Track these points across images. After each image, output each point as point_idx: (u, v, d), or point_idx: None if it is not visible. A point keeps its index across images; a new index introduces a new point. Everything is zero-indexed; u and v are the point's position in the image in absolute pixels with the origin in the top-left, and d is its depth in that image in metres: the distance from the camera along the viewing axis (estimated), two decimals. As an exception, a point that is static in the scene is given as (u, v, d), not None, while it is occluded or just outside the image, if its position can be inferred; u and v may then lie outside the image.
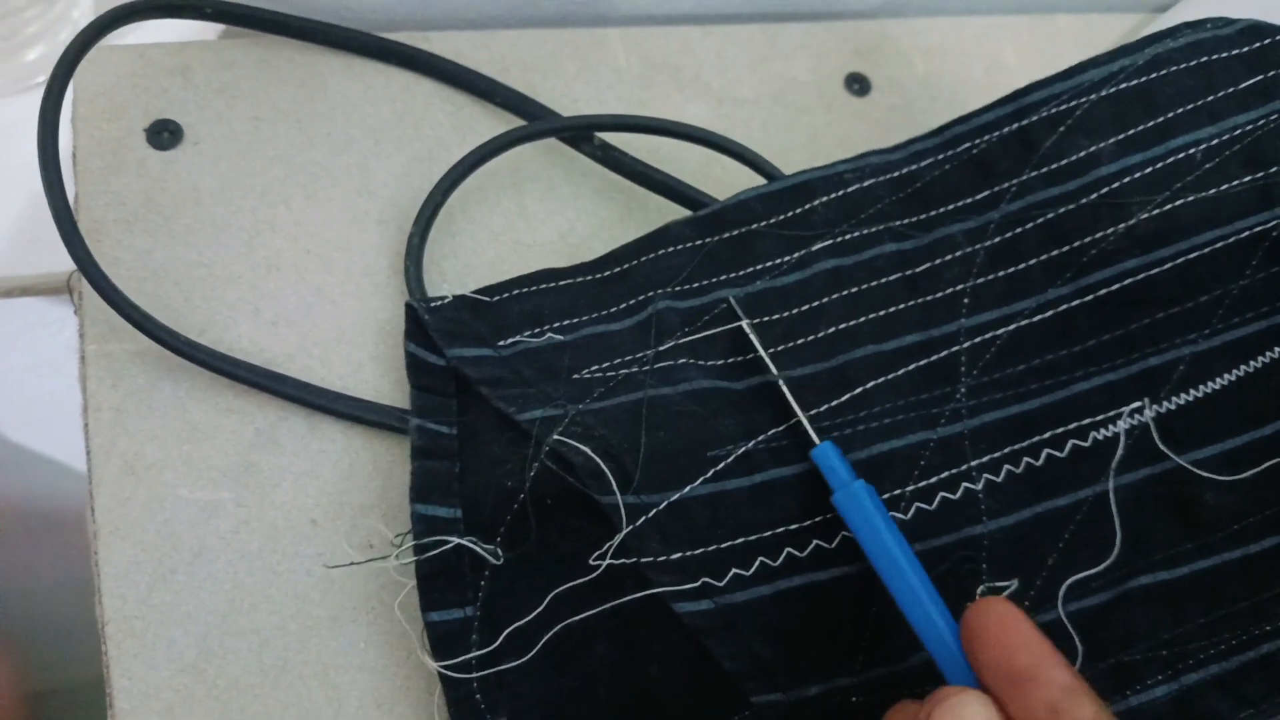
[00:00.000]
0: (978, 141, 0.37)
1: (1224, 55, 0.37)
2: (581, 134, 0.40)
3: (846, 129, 0.46)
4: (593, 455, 0.31)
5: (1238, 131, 0.35)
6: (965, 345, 0.35)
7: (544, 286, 0.36)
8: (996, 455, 0.33)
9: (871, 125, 0.46)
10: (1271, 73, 0.36)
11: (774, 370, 0.34)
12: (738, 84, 0.46)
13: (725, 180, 0.41)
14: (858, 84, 0.47)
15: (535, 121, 0.39)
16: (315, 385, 0.35)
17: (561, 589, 0.31)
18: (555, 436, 0.31)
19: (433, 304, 0.35)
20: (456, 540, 0.31)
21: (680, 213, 0.40)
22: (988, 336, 0.35)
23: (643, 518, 0.31)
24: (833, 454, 0.32)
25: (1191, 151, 0.35)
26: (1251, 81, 0.36)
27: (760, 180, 0.39)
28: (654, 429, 0.32)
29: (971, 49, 0.50)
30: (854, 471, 0.32)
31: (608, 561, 0.31)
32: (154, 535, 0.33)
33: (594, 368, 0.34)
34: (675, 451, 0.32)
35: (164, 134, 0.38)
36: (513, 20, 0.45)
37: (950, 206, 0.37)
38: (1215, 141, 0.35)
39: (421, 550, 0.31)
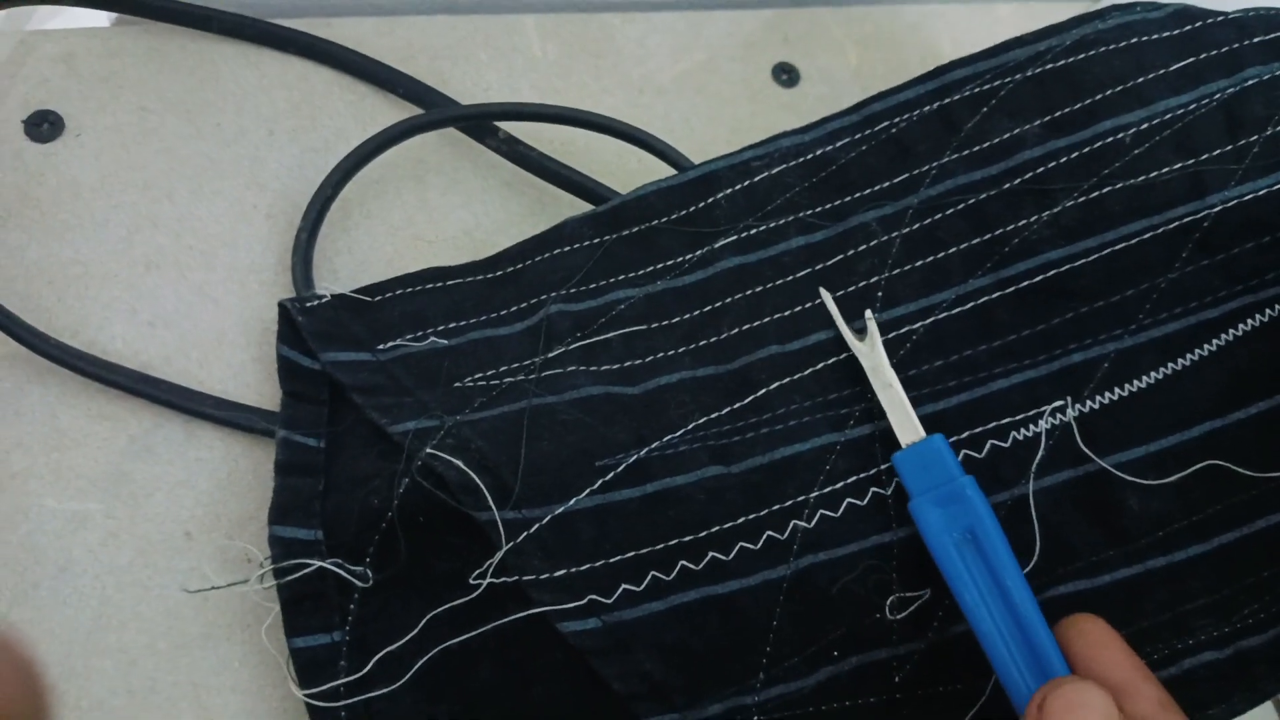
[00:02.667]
0: (897, 120, 0.36)
1: (1154, 37, 0.35)
2: (485, 126, 0.38)
3: (772, 121, 0.44)
4: (466, 469, 0.29)
5: (1168, 116, 0.34)
6: None
7: (430, 286, 0.34)
8: None
9: (798, 117, 0.44)
10: (1203, 55, 0.35)
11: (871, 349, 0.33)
12: (659, 73, 0.44)
13: (642, 174, 0.39)
14: (786, 74, 0.46)
15: (431, 111, 0.38)
16: (193, 390, 0.33)
17: (437, 611, 0.29)
18: (428, 450, 0.29)
19: (308, 303, 0.33)
20: (318, 563, 0.29)
21: (589, 209, 0.38)
22: (902, 331, 0.33)
23: (524, 534, 0.29)
24: (910, 459, 0.30)
25: (1120, 136, 0.34)
26: (1182, 64, 0.34)
27: (668, 172, 0.37)
28: (536, 439, 0.30)
29: (907, 38, 0.49)
30: (959, 467, 0.30)
31: (487, 581, 0.29)
32: (16, 548, 0.31)
33: (477, 375, 0.32)
34: (560, 463, 0.30)
35: (44, 125, 0.36)
36: (423, 6, 0.43)
37: (866, 191, 0.35)
38: (1145, 126, 0.34)
39: (282, 574, 0.29)
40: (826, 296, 0.33)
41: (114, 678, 0.30)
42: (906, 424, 0.31)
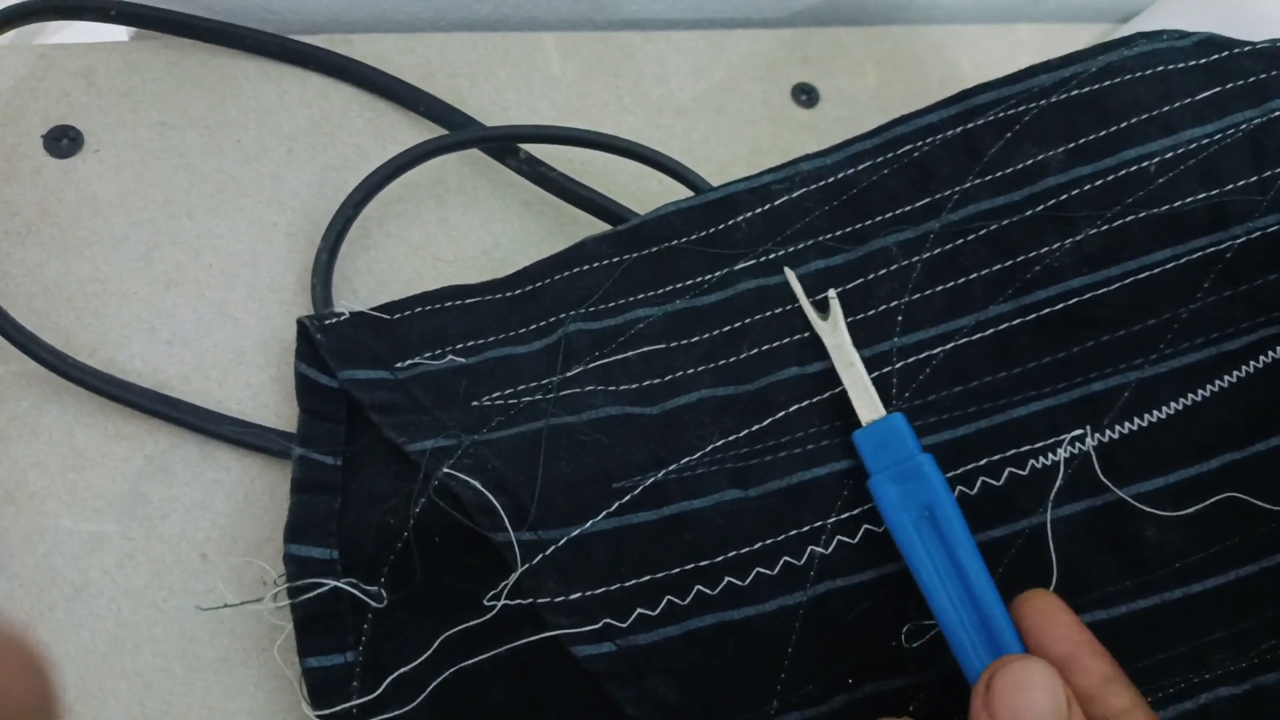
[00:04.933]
0: (919, 144, 0.36)
1: (1180, 66, 0.35)
2: (505, 146, 0.38)
3: (791, 141, 0.44)
4: (483, 489, 0.29)
5: (1193, 145, 0.34)
6: (897, 365, 0.33)
7: (449, 304, 0.34)
8: None
9: (818, 138, 0.44)
10: (1229, 85, 0.34)
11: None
12: (678, 93, 0.44)
13: (663, 195, 0.39)
14: (805, 94, 0.46)
15: (454, 132, 0.38)
16: (210, 410, 0.33)
17: (451, 632, 0.29)
18: (445, 470, 0.29)
19: (327, 321, 0.33)
20: (332, 583, 0.29)
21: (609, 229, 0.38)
22: (922, 356, 0.33)
23: (539, 555, 0.29)
24: (870, 438, 0.31)
25: (1145, 164, 0.34)
26: (1208, 94, 0.34)
27: (688, 194, 0.37)
28: (554, 460, 0.30)
29: (927, 59, 0.49)
30: (918, 445, 0.31)
31: (502, 603, 0.29)
32: (33, 569, 0.31)
33: (495, 394, 0.32)
34: (577, 484, 0.30)
35: (63, 140, 0.37)
36: (443, 23, 0.44)
37: (887, 215, 0.35)
38: (1169, 155, 0.34)
39: (296, 593, 0.29)
40: (791, 276, 0.34)
41: (129, 701, 0.30)
42: (867, 403, 0.31)
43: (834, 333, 0.33)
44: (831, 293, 0.33)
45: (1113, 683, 0.26)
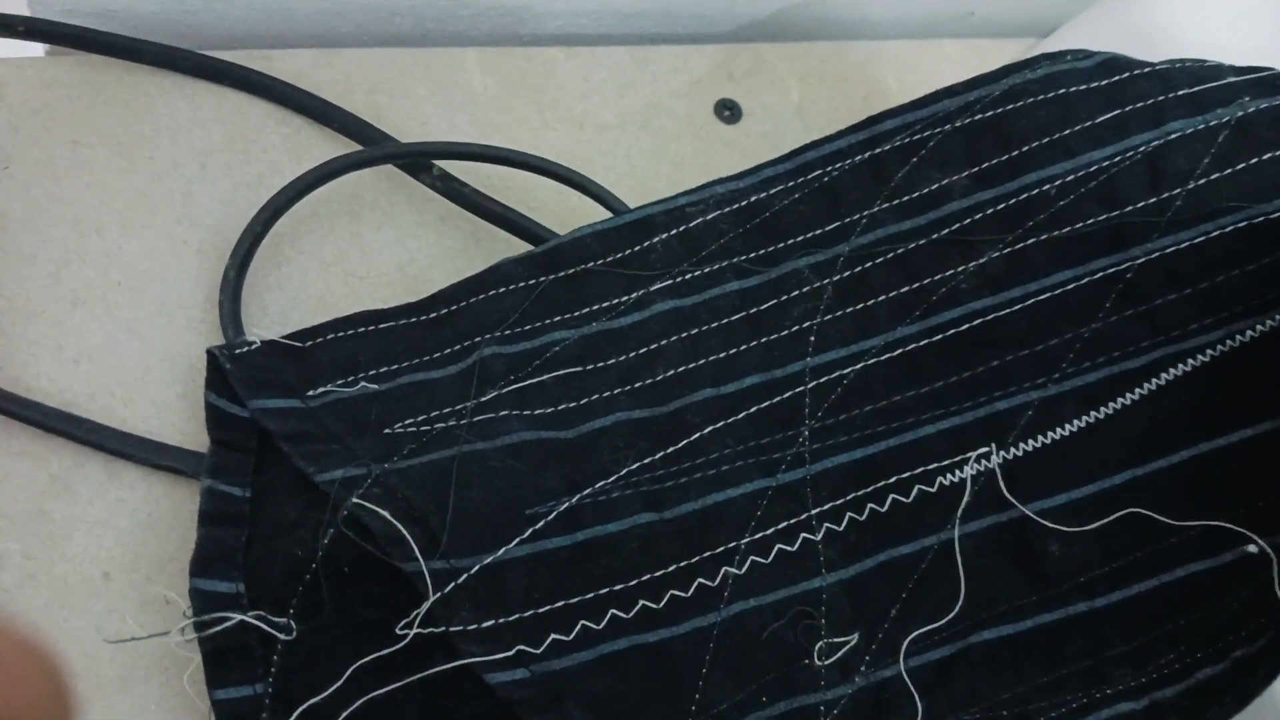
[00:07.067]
0: (829, 169, 0.36)
1: (1081, 88, 0.36)
2: (420, 163, 0.38)
3: (714, 157, 0.44)
4: (392, 519, 0.29)
5: (1093, 168, 0.34)
6: (810, 385, 0.33)
7: (362, 330, 0.34)
8: (839, 502, 0.32)
9: (740, 154, 0.45)
10: (1129, 108, 0.35)
11: None
12: (601, 109, 0.44)
13: (582, 211, 0.39)
14: (729, 110, 0.46)
15: (364, 149, 0.37)
16: (115, 429, 0.33)
17: (363, 661, 0.29)
18: (354, 500, 0.29)
19: (238, 351, 0.32)
20: (238, 618, 0.29)
21: (525, 247, 0.38)
22: (834, 376, 0.33)
23: (452, 584, 0.29)
24: None
25: (1046, 188, 0.34)
26: (1108, 116, 0.35)
27: (605, 213, 0.38)
28: (465, 488, 0.30)
29: (852, 74, 0.49)
30: None
31: (414, 631, 0.29)
32: (-69, 591, 0.31)
33: (408, 421, 0.32)
34: (489, 511, 0.30)
35: (-29, 157, 0.36)
36: (365, 39, 0.43)
37: (799, 238, 0.35)
38: (1070, 178, 0.34)
39: (204, 626, 0.29)
40: None
41: (28, 723, 0.30)
42: None
43: None
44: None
45: None
